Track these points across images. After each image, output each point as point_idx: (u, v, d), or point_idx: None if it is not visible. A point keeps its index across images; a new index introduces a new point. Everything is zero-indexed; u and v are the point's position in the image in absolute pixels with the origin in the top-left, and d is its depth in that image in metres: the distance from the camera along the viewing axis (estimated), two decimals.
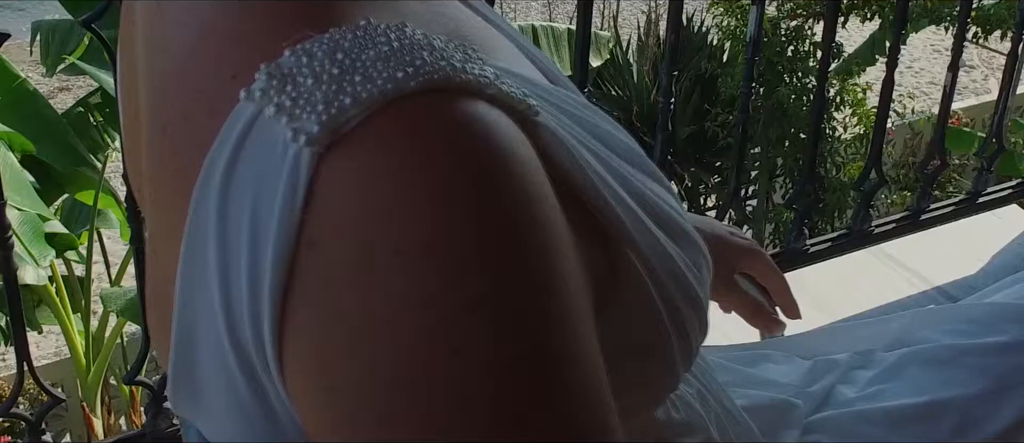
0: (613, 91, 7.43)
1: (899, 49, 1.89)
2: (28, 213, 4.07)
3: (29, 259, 4.09)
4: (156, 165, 0.58)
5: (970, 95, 11.27)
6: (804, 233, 1.91)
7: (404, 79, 0.48)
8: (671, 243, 0.62)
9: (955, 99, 4.93)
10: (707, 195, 7.57)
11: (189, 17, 0.57)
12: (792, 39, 6.82)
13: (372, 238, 0.46)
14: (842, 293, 2.02)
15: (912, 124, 7.49)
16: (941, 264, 2.12)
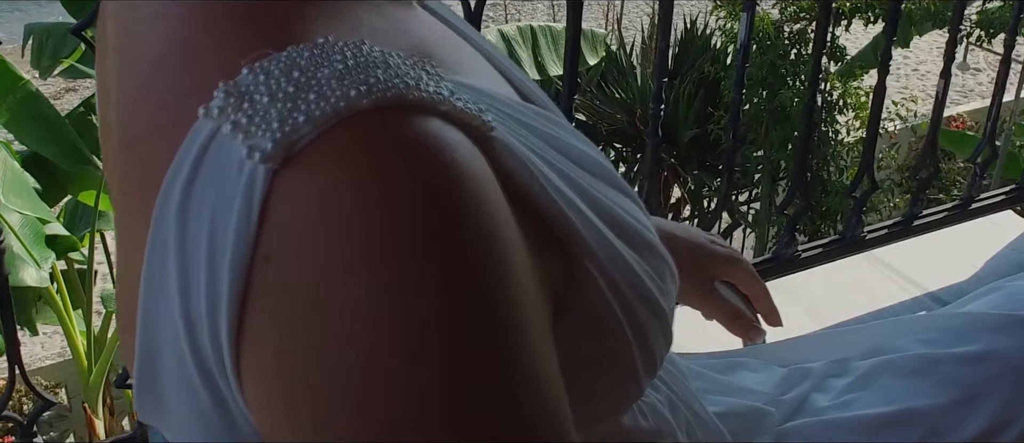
0: (617, 94, 7.43)
1: (890, 56, 1.90)
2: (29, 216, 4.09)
3: (30, 261, 4.11)
4: (122, 177, 0.59)
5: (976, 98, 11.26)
6: (795, 239, 1.92)
7: (357, 97, 0.49)
8: (633, 254, 0.63)
9: (961, 103, 4.89)
10: (710, 198, 7.58)
11: (153, 34, 0.58)
12: (795, 42, 6.83)
13: (325, 253, 0.47)
14: (834, 299, 2.03)
15: (915, 128, 7.49)
16: (935, 269, 2.12)
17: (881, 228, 2.07)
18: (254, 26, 0.55)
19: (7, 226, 3.99)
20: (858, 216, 1.99)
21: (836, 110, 6.71)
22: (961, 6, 1.94)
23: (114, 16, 0.64)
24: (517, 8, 13.60)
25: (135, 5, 0.60)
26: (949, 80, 2.00)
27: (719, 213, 1.83)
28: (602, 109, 7.13)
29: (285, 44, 0.52)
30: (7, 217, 4.00)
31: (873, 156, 2.02)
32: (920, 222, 2.09)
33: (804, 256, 1.95)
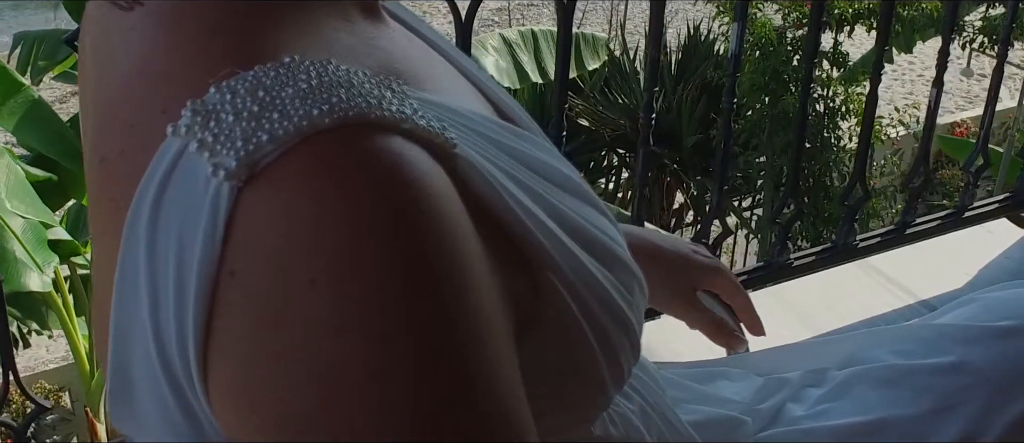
0: (620, 99, 7.45)
1: (882, 66, 1.91)
2: (31, 221, 4.11)
3: (33, 266, 4.13)
4: (96, 192, 0.60)
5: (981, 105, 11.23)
6: (788, 247, 1.93)
7: (319, 116, 0.50)
8: (600, 267, 0.64)
9: (965, 109, 4.86)
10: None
11: (128, 49, 0.59)
12: (797, 49, 6.83)
13: (287, 268, 0.48)
14: (827, 307, 2.04)
15: (917, 134, 7.48)
16: (929, 278, 2.13)
17: (874, 236, 2.07)
18: (225, 44, 0.56)
19: (10, 231, 4.01)
20: (850, 224, 2.00)
21: (838, 116, 6.71)
22: (952, 17, 1.95)
23: (92, 29, 0.65)
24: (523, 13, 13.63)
25: (113, 18, 0.62)
26: (941, 89, 2.01)
27: (710, 223, 1.83)
28: (605, 114, 7.14)
29: (256, 62, 0.53)
30: (9, 222, 4.02)
31: (865, 164, 2.02)
32: (913, 230, 2.09)
33: (796, 264, 1.95)
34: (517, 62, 6.14)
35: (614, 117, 7.24)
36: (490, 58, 6.04)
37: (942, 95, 2.00)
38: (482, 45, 6.08)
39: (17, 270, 4.14)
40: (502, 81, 6.02)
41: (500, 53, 6.14)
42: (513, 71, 6.09)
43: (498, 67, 6.06)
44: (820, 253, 2.01)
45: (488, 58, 6.03)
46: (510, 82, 6.07)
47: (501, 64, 6.09)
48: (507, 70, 6.10)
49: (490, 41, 6.18)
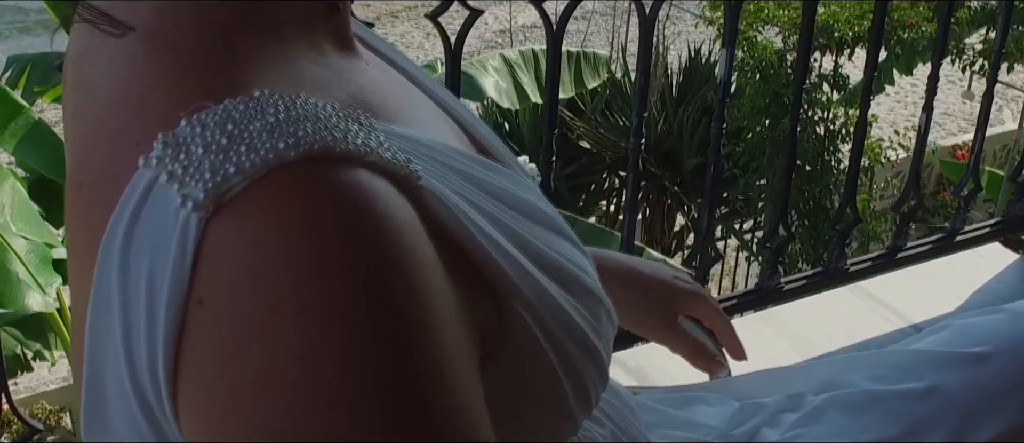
0: (620, 121, 7.46)
1: (871, 90, 1.93)
2: (34, 242, 4.13)
3: (35, 286, 4.15)
4: (72, 218, 0.62)
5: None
6: (778, 271, 1.94)
7: (285, 149, 0.52)
8: (566, 295, 0.66)
9: (967, 131, 4.84)
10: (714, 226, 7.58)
11: (107, 80, 0.61)
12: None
13: (252, 297, 0.50)
14: (819, 330, 2.05)
15: None
16: (920, 302, 2.14)
17: (864, 260, 2.08)
18: (199, 78, 0.58)
19: (13, 252, 4.03)
20: (841, 248, 2.01)
21: (839, 139, 6.72)
22: (942, 42, 1.96)
23: (75, 58, 0.67)
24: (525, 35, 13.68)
25: (93, 49, 0.63)
26: (931, 114, 2.03)
27: (699, 250, 1.85)
28: (606, 136, 7.16)
29: (227, 95, 0.55)
30: (13, 243, 4.04)
31: (855, 188, 2.04)
32: (904, 254, 2.10)
33: (787, 288, 1.97)
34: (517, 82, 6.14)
35: (615, 139, 7.26)
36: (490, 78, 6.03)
37: (945, 118, 2.02)
38: (482, 65, 6.08)
39: (20, 291, 4.16)
40: (501, 102, 6.01)
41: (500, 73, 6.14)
42: (513, 91, 6.09)
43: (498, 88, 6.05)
44: (811, 277, 2.02)
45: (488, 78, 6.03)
46: (510, 102, 6.07)
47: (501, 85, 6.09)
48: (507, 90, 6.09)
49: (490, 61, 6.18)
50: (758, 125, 6.85)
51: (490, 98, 5.93)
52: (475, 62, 6.10)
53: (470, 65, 6.01)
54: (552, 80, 1.54)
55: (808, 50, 1.85)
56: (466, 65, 5.97)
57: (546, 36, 1.53)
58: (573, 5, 1.51)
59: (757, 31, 7.04)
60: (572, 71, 6.37)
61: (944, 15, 1.95)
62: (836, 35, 6.84)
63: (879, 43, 1.90)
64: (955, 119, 12.00)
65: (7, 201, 3.95)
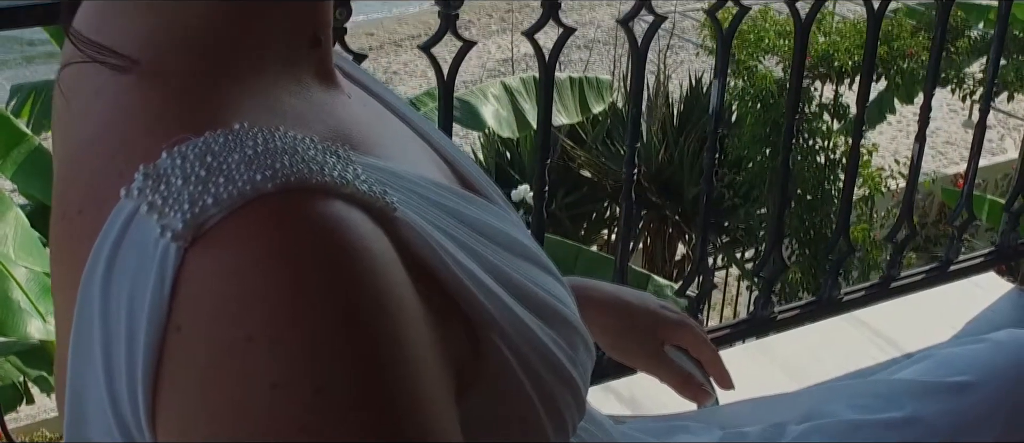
0: (621, 150, 7.48)
1: (863, 121, 1.94)
2: (35, 270, 4.14)
3: (35, 314, 4.16)
4: (56, 247, 0.63)
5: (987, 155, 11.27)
6: (772, 301, 1.95)
7: (262, 181, 0.53)
8: (543, 325, 0.67)
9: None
10: (715, 255, 7.59)
11: (93, 111, 0.62)
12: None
13: (229, 325, 0.51)
14: (813, 359, 2.05)
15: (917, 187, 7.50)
16: (915, 331, 2.14)
17: (858, 290, 2.09)
18: (182, 110, 0.59)
19: (14, 281, 4.05)
20: (835, 278, 2.02)
21: (839, 168, 6.74)
22: (934, 74, 1.98)
23: (62, 90, 0.68)
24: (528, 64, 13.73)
25: (81, 81, 0.65)
26: (923, 144, 2.04)
27: (692, 279, 1.86)
28: (607, 166, 7.17)
29: (208, 128, 0.56)
30: (14, 272, 4.05)
31: (848, 219, 2.05)
32: (898, 284, 2.11)
33: (781, 318, 1.97)
34: (518, 109, 6.14)
35: (616, 168, 7.27)
36: (490, 107, 6.04)
37: (947, 146, 2.04)
38: (482, 93, 6.10)
39: (21, 319, 4.16)
40: (501, 130, 6.02)
41: (500, 101, 6.15)
42: (513, 119, 6.10)
43: (498, 116, 6.06)
44: (804, 307, 2.03)
45: (488, 107, 6.04)
46: (510, 130, 6.08)
47: (501, 113, 6.10)
48: (507, 119, 6.10)
49: (491, 89, 6.20)
50: (759, 154, 6.86)
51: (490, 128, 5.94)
52: (476, 90, 6.12)
53: (471, 94, 6.02)
54: (545, 110, 1.56)
55: (800, 82, 1.86)
56: (467, 94, 5.99)
57: (539, 68, 1.55)
58: (564, 38, 1.52)
59: (758, 61, 7.07)
60: (576, 96, 6.39)
61: (935, 46, 1.97)
62: (836, 64, 6.87)
63: (870, 75, 1.91)
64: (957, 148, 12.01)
65: (9, 232, 3.97)
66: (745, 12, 1.71)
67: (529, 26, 1.52)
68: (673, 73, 8.99)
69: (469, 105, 5.83)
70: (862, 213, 6.96)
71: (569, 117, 6.38)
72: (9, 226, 3.98)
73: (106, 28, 0.63)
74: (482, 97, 6.07)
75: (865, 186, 6.90)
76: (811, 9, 1.78)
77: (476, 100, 5.94)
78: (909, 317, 2.19)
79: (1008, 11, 2.07)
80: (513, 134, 6.01)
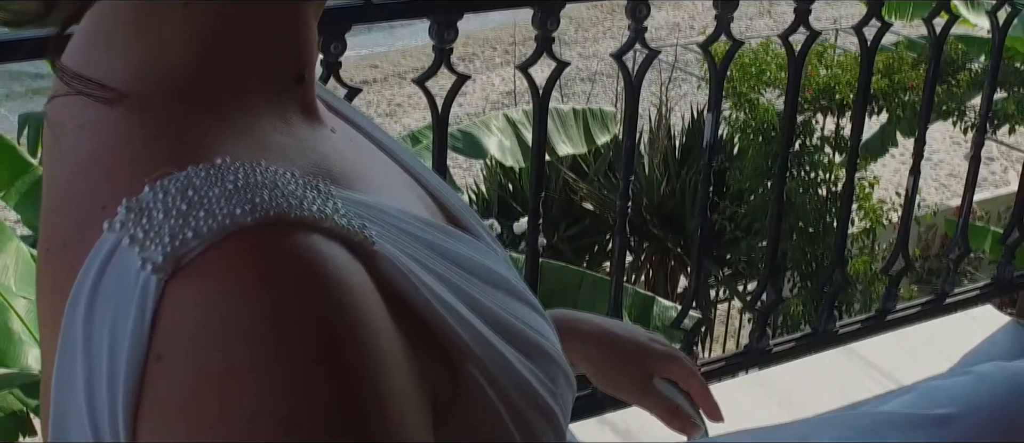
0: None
1: (857, 153, 1.95)
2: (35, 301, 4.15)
3: (33, 343, 4.16)
4: (41, 280, 0.64)
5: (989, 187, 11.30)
6: (767, 333, 1.95)
7: (241, 215, 0.54)
8: (522, 359, 0.68)
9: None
10: (717, 288, 7.59)
11: (78, 146, 0.63)
12: (799, 133, 6.90)
13: (208, 356, 0.52)
14: (808, 392, 2.05)
15: (918, 219, 7.50)
16: (911, 364, 2.15)
17: (854, 323, 2.10)
18: (165, 146, 0.60)
19: (13, 312, 4.06)
20: (830, 311, 2.02)
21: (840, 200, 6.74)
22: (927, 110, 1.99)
23: (52, 124, 0.69)
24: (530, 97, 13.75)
25: (68, 115, 0.66)
26: (918, 177, 2.05)
27: (686, 311, 1.86)
28: (609, 198, 7.19)
29: (191, 163, 0.57)
30: (14, 303, 4.07)
31: (843, 252, 2.06)
32: (894, 317, 2.12)
33: (776, 350, 1.98)
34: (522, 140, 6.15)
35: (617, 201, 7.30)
36: (494, 138, 6.05)
37: (950, 179, 2.05)
38: (485, 125, 6.11)
39: (21, 350, 4.17)
40: (505, 160, 6.02)
41: (504, 133, 6.16)
42: (517, 149, 6.10)
43: (501, 146, 6.07)
44: (799, 340, 2.03)
45: (491, 138, 6.05)
46: (514, 160, 6.08)
47: (504, 144, 6.11)
48: (511, 149, 6.11)
49: (493, 122, 6.21)
50: (760, 187, 6.87)
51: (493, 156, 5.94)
52: (479, 122, 6.13)
53: (473, 125, 6.04)
54: (538, 144, 1.57)
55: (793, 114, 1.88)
56: (470, 125, 6.01)
57: (532, 101, 1.56)
58: (558, 72, 1.54)
59: (759, 93, 7.10)
60: (580, 128, 6.40)
61: (928, 82, 1.98)
62: (837, 97, 6.89)
63: (864, 108, 1.93)
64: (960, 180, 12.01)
65: (10, 263, 3.98)
66: (738, 46, 1.73)
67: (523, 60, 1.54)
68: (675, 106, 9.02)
69: (472, 136, 5.85)
70: (864, 246, 6.96)
71: (574, 147, 6.39)
72: (10, 256, 3.99)
73: (94, 62, 0.65)
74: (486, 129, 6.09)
75: (866, 219, 6.90)
76: (803, 45, 1.80)
77: (479, 131, 5.95)
78: (907, 350, 2.20)
79: (1001, 45, 2.08)
80: (517, 163, 6.01)
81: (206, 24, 0.63)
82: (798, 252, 6.79)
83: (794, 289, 7.01)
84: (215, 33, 0.63)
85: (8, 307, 4.03)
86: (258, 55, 0.65)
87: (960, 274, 6.91)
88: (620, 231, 1.74)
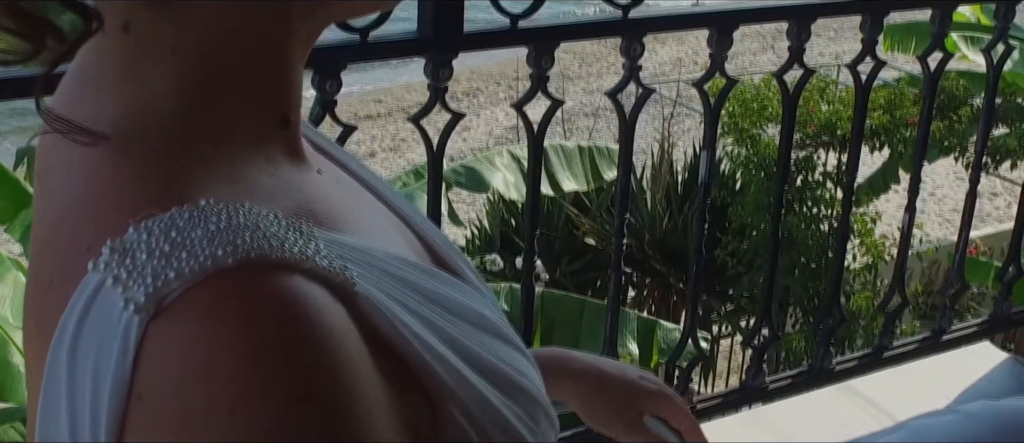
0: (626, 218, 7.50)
1: (853, 190, 1.96)
2: None
3: None
4: (27, 319, 0.65)
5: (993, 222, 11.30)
6: (763, 370, 1.95)
7: (223, 256, 0.55)
8: (503, 398, 0.68)
9: (977, 227, 4.77)
10: (720, 323, 7.58)
11: (66, 187, 0.64)
12: (801, 169, 6.91)
13: (188, 396, 0.53)
14: (805, 428, 2.06)
15: (920, 254, 7.50)
16: (910, 400, 2.14)
17: (850, 359, 2.10)
18: (151, 186, 0.61)
19: (12, 344, 4.06)
20: (826, 347, 2.02)
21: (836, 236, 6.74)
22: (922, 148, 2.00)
23: (41, 163, 0.71)
24: None
25: (56, 156, 0.67)
26: (913, 214, 2.06)
27: (682, 348, 1.87)
28: (611, 234, 7.20)
29: (175, 204, 0.58)
30: (13, 336, 4.07)
31: (839, 289, 2.06)
32: (890, 353, 2.12)
33: (772, 387, 1.98)
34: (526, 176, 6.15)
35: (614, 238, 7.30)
36: (498, 174, 6.08)
37: (954, 214, 2.07)
38: (489, 161, 6.12)
39: (21, 384, 4.17)
40: (508, 194, 6.04)
41: (508, 169, 6.19)
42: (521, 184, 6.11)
43: (506, 182, 6.09)
44: (796, 376, 2.03)
45: (496, 174, 6.07)
46: (518, 195, 6.09)
47: (509, 179, 6.13)
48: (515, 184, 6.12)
49: (497, 157, 6.23)
50: (762, 222, 6.88)
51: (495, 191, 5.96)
52: (483, 157, 6.15)
53: (477, 161, 6.07)
54: (533, 181, 1.58)
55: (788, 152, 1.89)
56: (473, 161, 6.04)
57: (527, 138, 1.57)
58: (552, 110, 1.55)
59: (761, 129, 7.12)
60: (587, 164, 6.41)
61: (923, 119, 1.99)
62: (839, 133, 6.91)
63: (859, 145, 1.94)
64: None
65: (8, 293, 3.99)
66: (732, 85, 1.74)
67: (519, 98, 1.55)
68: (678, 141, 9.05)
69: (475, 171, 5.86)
70: (866, 281, 6.96)
71: (579, 184, 6.41)
72: (8, 288, 4.00)
73: (83, 103, 0.66)
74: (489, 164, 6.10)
75: (868, 254, 6.90)
76: (797, 83, 1.81)
77: (483, 167, 5.97)
78: (905, 386, 2.20)
79: (996, 82, 2.10)
80: (521, 198, 6.02)
81: (192, 67, 0.64)
82: (800, 288, 6.78)
83: (796, 325, 7.00)
84: (201, 76, 0.64)
85: (8, 340, 4.03)
86: (243, 98, 0.66)
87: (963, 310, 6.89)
88: (615, 268, 1.75)
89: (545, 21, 1.54)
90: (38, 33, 0.62)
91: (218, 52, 0.65)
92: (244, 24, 0.65)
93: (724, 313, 7.52)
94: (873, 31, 1.82)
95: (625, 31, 1.57)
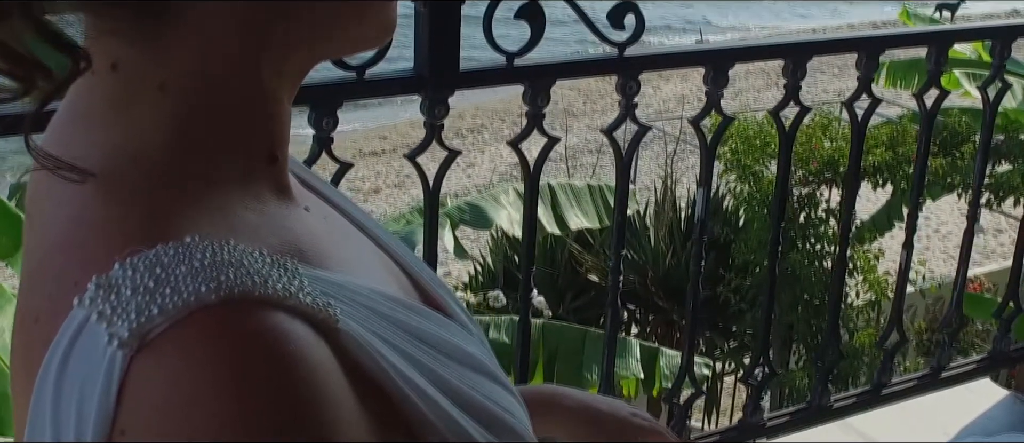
0: (629, 255, 7.51)
1: (849, 228, 1.96)
2: None
3: None
4: (15, 355, 0.66)
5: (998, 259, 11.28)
6: (760, 407, 1.95)
7: (206, 293, 0.56)
8: (488, 435, 0.69)
9: (981, 264, 4.75)
10: (723, 360, 7.56)
11: (56, 222, 0.65)
12: (804, 206, 6.92)
13: (169, 431, 0.53)
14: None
15: (924, 291, 7.48)
16: (909, 437, 2.14)
17: (849, 397, 2.10)
18: (137, 223, 0.62)
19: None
20: (824, 384, 2.02)
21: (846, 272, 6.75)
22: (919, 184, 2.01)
23: (32, 198, 0.71)
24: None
25: (45, 192, 0.68)
26: (911, 251, 2.06)
27: (679, 386, 1.87)
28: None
29: (161, 240, 0.59)
30: None
31: (837, 326, 2.06)
32: (889, 391, 2.11)
33: (770, 424, 1.97)
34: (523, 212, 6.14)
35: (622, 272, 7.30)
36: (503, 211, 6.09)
37: (957, 250, 2.06)
38: (494, 199, 6.14)
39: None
40: (512, 230, 6.06)
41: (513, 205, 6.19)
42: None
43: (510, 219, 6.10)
44: (794, 413, 2.03)
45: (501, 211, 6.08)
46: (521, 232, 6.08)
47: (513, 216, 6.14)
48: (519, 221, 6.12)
49: (502, 195, 6.25)
50: (765, 259, 6.88)
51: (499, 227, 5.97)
52: (488, 195, 6.17)
53: (481, 198, 6.08)
54: (529, 218, 1.59)
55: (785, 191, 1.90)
56: (477, 198, 6.06)
57: (523, 176, 1.58)
58: (548, 148, 1.56)
59: (764, 166, 7.13)
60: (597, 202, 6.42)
61: (920, 156, 2.00)
62: (841, 170, 6.92)
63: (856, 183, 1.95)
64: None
65: (8, 326, 4.00)
66: (728, 122, 1.75)
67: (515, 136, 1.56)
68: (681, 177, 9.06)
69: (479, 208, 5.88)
70: (869, 319, 6.94)
71: (589, 221, 6.42)
72: (9, 320, 4.01)
73: (74, 140, 0.67)
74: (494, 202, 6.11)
75: (871, 291, 6.89)
76: (794, 120, 1.82)
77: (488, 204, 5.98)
78: (904, 423, 2.20)
79: (993, 120, 2.10)
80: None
81: (180, 106, 0.65)
82: (804, 325, 6.77)
83: (800, 362, 6.98)
84: (188, 115, 0.65)
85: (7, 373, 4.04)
86: (231, 136, 0.67)
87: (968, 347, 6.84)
88: (612, 303, 1.75)
89: (541, 59, 1.55)
90: (28, 72, 0.63)
91: (205, 90, 0.66)
92: (230, 63, 0.66)
93: (727, 350, 7.50)
94: (868, 68, 1.83)
95: (621, 69, 1.58)
